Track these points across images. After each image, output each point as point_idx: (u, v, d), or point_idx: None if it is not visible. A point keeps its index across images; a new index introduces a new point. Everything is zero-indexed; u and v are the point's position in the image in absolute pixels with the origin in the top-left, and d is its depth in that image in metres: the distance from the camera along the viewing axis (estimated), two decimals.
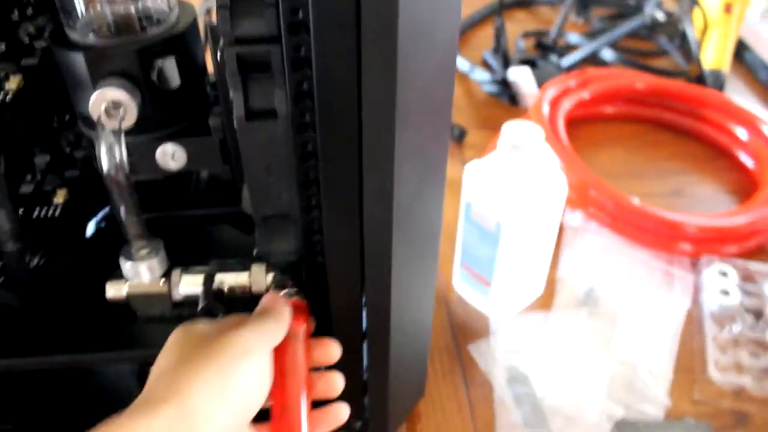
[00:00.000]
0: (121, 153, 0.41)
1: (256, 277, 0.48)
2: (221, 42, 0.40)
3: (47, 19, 0.51)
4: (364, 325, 0.49)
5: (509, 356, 0.69)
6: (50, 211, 0.49)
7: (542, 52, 1.16)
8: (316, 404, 0.45)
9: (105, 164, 0.41)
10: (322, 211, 0.45)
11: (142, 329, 0.49)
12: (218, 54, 0.42)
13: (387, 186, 0.40)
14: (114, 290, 0.48)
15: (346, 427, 0.55)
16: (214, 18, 0.39)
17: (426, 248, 0.50)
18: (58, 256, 0.49)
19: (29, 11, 0.52)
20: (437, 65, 0.40)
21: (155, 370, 0.39)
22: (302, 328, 0.44)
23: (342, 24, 0.33)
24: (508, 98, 1.06)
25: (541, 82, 1.04)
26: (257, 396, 0.39)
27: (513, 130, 0.63)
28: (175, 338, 0.40)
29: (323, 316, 0.49)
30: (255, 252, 0.49)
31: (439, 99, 0.42)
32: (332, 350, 0.46)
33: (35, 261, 0.47)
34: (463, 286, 0.74)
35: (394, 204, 0.41)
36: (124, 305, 0.49)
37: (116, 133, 0.41)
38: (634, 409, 0.65)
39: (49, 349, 0.48)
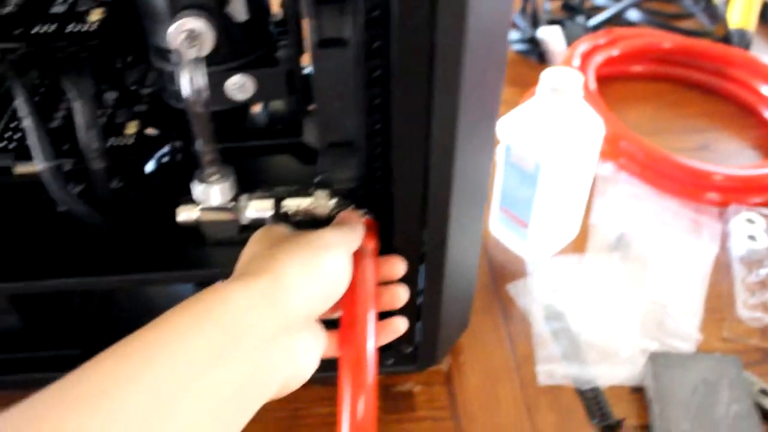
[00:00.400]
0: (201, 80, 0.44)
1: (320, 202, 0.51)
2: None
3: None
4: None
5: (546, 295, 0.72)
6: (124, 141, 0.52)
7: (569, 14, 1.18)
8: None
9: (185, 91, 0.44)
10: (384, 138, 0.48)
11: (210, 252, 0.52)
12: None
13: (453, 110, 0.42)
14: (185, 214, 0.51)
15: (396, 352, 0.59)
16: None
17: (481, 180, 0.52)
18: (132, 183, 0.52)
19: None
20: (498, 12, 0.42)
21: (244, 257, 0.42)
22: (371, 245, 0.47)
23: None
24: (536, 56, 1.08)
25: (569, 42, 1.06)
26: (338, 287, 0.42)
27: (553, 74, 0.65)
28: (260, 234, 0.44)
29: (383, 241, 0.52)
30: (317, 179, 0.52)
31: (499, 32, 0.44)
32: (398, 266, 0.49)
33: (114, 184, 0.50)
34: (500, 229, 0.77)
35: (458, 129, 0.43)
36: (193, 229, 0.52)
37: (196, 60, 0.44)
38: (666, 344, 0.67)
39: (124, 269, 0.51)
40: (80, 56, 0.43)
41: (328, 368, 0.43)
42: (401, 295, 0.48)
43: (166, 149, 0.57)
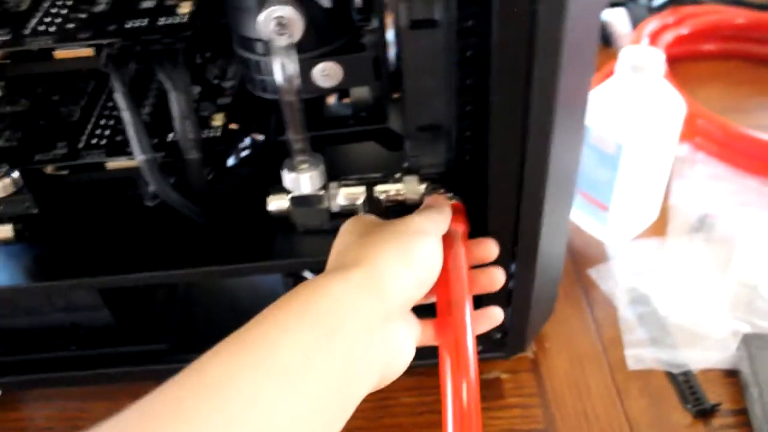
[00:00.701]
0: (292, 67, 0.44)
1: (410, 187, 0.50)
2: None
3: None
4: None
5: (629, 279, 0.70)
6: (212, 133, 0.52)
7: None
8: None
9: (278, 78, 0.44)
10: (475, 120, 0.47)
11: (299, 241, 0.53)
12: None
13: (552, 88, 0.41)
14: (276, 203, 0.51)
15: (486, 338, 0.58)
16: None
17: (573, 162, 0.51)
18: (221, 174, 0.52)
19: None
20: None
21: (336, 248, 0.42)
22: (461, 228, 0.47)
23: None
24: (602, 39, 1.06)
25: (634, 23, 1.04)
26: (431, 272, 0.42)
27: (633, 53, 0.64)
28: (350, 224, 0.43)
29: (472, 225, 0.51)
30: (405, 164, 0.51)
31: (595, 6, 0.44)
32: (490, 248, 0.48)
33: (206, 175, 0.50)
34: (579, 214, 0.76)
35: (556, 108, 0.42)
36: (283, 219, 0.52)
37: (288, 48, 0.44)
38: (758, 326, 0.65)
39: (214, 260, 0.52)
40: (175, 48, 0.43)
41: (415, 357, 0.43)
42: (498, 277, 0.47)
43: (247, 141, 0.58)
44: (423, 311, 0.45)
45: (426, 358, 0.42)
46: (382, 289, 0.38)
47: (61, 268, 0.54)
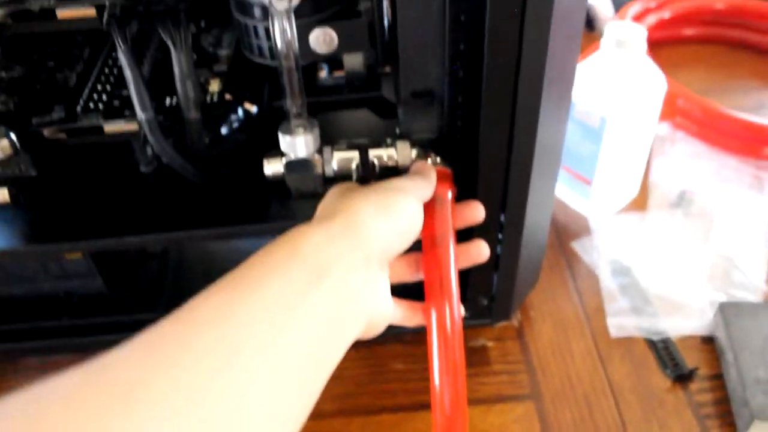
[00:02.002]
0: (292, 31, 0.45)
1: (402, 152, 0.51)
2: None
3: None
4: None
5: (612, 251, 0.72)
6: (209, 97, 0.53)
7: None
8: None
9: (278, 42, 0.45)
10: (467, 87, 0.48)
11: (294, 205, 0.54)
12: None
13: (542, 53, 0.43)
14: (272, 167, 0.52)
15: (473, 304, 0.60)
16: None
17: (560, 133, 0.53)
18: (218, 139, 0.53)
19: None
20: None
21: (321, 207, 0.44)
22: (448, 193, 0.48)
23: None
24: (585, 23, 1.08)
25: (616, 8, 1.06)
26: (411, 226, 0.44)
27: (617, 28, 0.66)
28: (334, 188, 0.46)
29: (462, 188, 0.52)
30: (398, 130, 0.53)
31: None
32: (477, 210, 0.50)
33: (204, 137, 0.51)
34: (563, 188, 0.77)
35: (545, 75, 0.44)
36: (278, 183, 0.53)
37: (288, 11, 0.45)
38: (734, 296, 0.68)
39: (210, 223, 0.53)
40: (177, 8, 0.44)
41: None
42: (484, 249, 0.49)
43: (240, 112, 0.58)
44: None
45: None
46: (362, 235, 0.40)
47: (54, 232, 0.54)
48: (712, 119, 0.83)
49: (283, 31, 0.45)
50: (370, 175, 0.50)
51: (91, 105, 0.53)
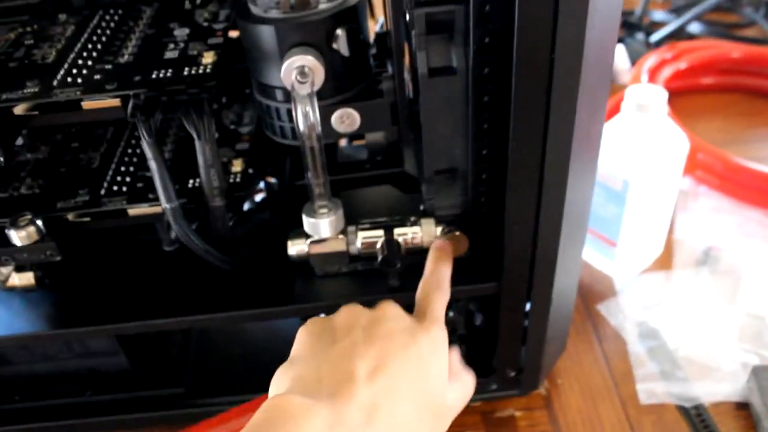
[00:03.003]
0: (315, 115, 0.45)
1: (427, 230, 0.51)
2: (405, 5, 0.44)
3: (217, 6, 0.56)
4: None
5: (638, 313, 0.71)
6: (231, 179, 0.53)
7: (629, 31, 1.18)
8: None
9: (301, 125, 0.45)
10: (491, 163, 0.48)
11: (318, 284, 0.53)
12: (396, 19, 0.46)
13: (569, 131, 0.42)
14: (296, 248, 0.52)
15: (500, 376, 0.59)
16: None
17: (586, 201, 0.52)
18: (241, 219, 0.53)
19: (198, 0, 0.57)
20: (610, 21, 0.43)
21: (299, 353, 0.41)
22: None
23: None
24: None
25: (632, 59, 1.06)
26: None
27: (637, 92, 0.66)
28: (310, 331, 0.42)
29: (487, 266, 0.52)
30: (422, 207, 0.52)
31: (608, 51, 0.45)
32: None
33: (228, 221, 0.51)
34: (587, 250, 0.77)
35: (572, 149, 0.43)
36: (303, 262, 0.53)
37: (310, 96, 0.45)
38: (766, 357, 0.66)
39: (234, 306, 0.52)
40: (200, 97, 0.44)
41: None
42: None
43: (262, 185, 0.58)
44: None
45: None
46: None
47: (80, 315, 0.54)
48: (732, 173, 0.83)
49: (305, 115, 0.45)
50: (394, 256, 0.50)
51: (115, 188, 0.53)
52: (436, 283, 0.46)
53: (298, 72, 0.45)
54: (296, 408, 0.33)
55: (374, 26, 0.56)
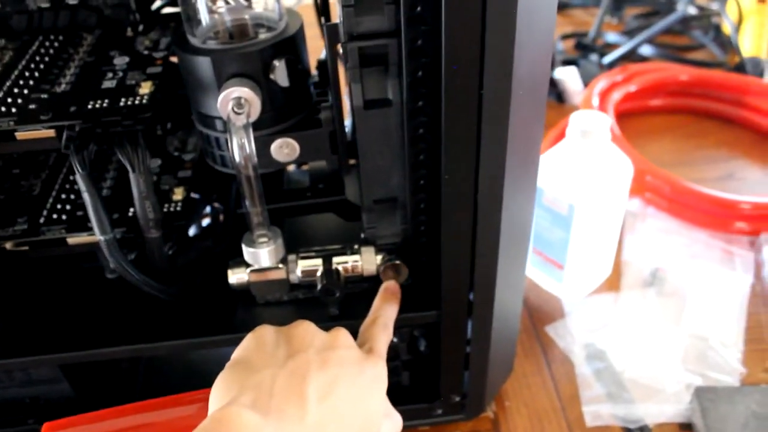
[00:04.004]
0: (251, 146, 0.45)
1: (367, 258, 0.51)
2: (341, 38, 0.44)
3: (159, 34, 0.56)
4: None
5: (586, 335, 0.72)
6: (172, 207, 0.53)
7: (582, 52, 1.20)
8: None
9: (236, 156, 0.45)
10: (429, 193, 0.49)
11: (259, 312, 0.53)
12: (332, 51, 0.46)
13: (500, 160, 0.43)
14: (236, 277, 0.52)
15: (445, 401, 0.59)
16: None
17: (525, 226, 0.53)
18: (183, 248, 0.53)
19: (140, 28, 0.56)
20: (541, 54, 0.44)
21: (240, 357, 0.42)
22: None
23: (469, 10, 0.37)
24: (555, 96, 1.10)
25: (585, 80, 1.08)
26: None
27: (582, 118, 0.67)
28: (257, 338, 0.43)
29: (428, 294, 0.52)
30: (362, 235, 0.53)
31: (541, 79, 0.46)
32: None
33: (166, 250, 0.51)
34: (535, 272, 0.77)
35: (506, 177, 0.44)
36: (243, 291, 0.53)
37: (245, 127, 0.45)
38: (710, 378, 0.67)
39: (175, 334, 0.52)
40: (135, 129, 0.44)
41: None
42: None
43: (207, 210, 0.58)
44: None
45: None
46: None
47: (21, 345, 0.53)
48: (680, 195, 0.84)
49: (241, 146, 0.45)
50: (334, 285, 0.50)
51: (55, 216, 0.53)
52: (382, 323, 0.47)
53: (235, 103, 0.45)
54: (245, 425, 0.33)
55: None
